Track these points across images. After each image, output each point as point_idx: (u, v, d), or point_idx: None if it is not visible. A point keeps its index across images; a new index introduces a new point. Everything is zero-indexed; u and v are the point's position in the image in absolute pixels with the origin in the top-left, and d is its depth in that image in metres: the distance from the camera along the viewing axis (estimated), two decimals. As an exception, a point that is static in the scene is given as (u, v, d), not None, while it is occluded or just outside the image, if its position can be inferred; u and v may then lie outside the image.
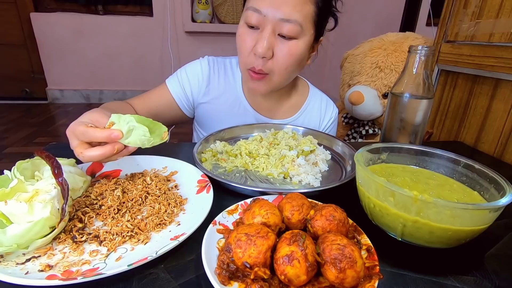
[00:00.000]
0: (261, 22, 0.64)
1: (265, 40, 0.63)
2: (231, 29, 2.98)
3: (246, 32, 0.66)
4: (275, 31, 0.64)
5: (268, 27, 0.63)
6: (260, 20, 0.63)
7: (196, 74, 0.81)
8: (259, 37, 0.64)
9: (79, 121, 0.48)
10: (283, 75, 0.69)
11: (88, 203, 0.45)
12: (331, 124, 0.89)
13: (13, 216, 0.36)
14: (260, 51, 0.63)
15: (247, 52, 0.67)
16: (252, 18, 0.64)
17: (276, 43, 0.65)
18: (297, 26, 0.63)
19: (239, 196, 0.50)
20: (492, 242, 0.44)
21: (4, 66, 2.88)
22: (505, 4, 0.76)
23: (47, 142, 1.56)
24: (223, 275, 0.32)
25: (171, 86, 0.80)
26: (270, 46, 0.64)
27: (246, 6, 0.67)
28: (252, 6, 0.63)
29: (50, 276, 0.32)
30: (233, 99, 0.82)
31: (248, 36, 0.66)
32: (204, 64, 0.82)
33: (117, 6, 2.99)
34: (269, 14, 0.62)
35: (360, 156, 0.46)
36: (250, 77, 0.69)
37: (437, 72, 0.98)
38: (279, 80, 0.70)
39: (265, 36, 0.63)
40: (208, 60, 0.83)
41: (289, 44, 0.65)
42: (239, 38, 0.68)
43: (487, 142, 0.83)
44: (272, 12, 0.62)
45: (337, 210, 0.38)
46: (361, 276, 0.31)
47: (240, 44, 0.68)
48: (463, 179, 0.48)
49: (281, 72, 0.68)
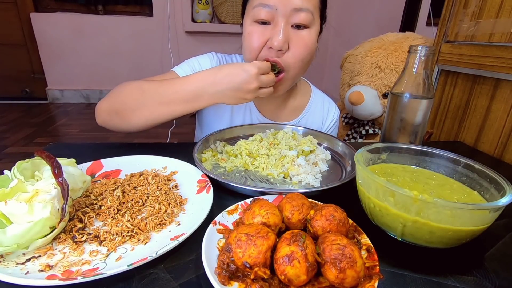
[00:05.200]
0: (272, 16, 0.63)
1: (280, 32, 0.62)
2: (231, 29, 2.98)
3: (257, 29, 0.65)
4: (288, 22, 0.63)
5: (281, 20, 0.62)
6: (271, 14, 0.62)
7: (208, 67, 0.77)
8: (273, 32, 0.63)
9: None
10: (298, 69, 0.68)
11: (88, 203, 0.45)
12: (333, 125, 0.89)
13: (13, 216, 0.36)
14: (276, 44, 0.62)
15: (260, 48, 0.65)
16: (262, 14, 0.63)
17: (291, 35, 0.64)
18: (309, 14, 0.63)
19: (239, 196, 0.50)
20: (492, 242, 0.44)
21: (4, 66, 2.89)
22: (505, 4, 0.76)
23: (47, 142, 1.57)
24: (223, 275, 0.32)
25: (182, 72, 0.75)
26: (286, 39, 0.63)
27: (251, 4, 0.65)
28: (261, 2, 0.62)
29: (50, 276, 0.32)
30: None
31: (259, 32, 0.65)
32: (215, 59, 0.80)
33: (117, 6, 2.99)
34: (280, 7, 0.61)
35: (360, 156, 0.46)
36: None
37: (437, 72, 0.98)
38: (295, 75, 0.70)
39: (280, 29, 0.62)
40: (217, 56, 0.81)
41: (303, 34, 0.65)
42: (249, 37, 0.66)
43: (487, 142, 0.83)
44: (283, 4, 0.61)
45: (337, 210, 0.38)
46: (361, 276, 0.31)
47: (250, 41, 0.66)
48: (463, 179, 0.48)
49: (296, 65, 0.67)
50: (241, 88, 0.58)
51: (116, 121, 0.65)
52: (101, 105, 0.66)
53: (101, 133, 2.32)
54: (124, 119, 0.63)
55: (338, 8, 2.69)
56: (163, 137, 2.21)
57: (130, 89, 0.64)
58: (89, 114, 2.79)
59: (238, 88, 0.58)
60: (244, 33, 0.68)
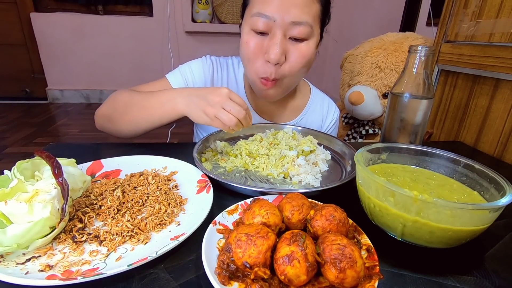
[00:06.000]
0: (270, 27, 0.61)
1: (277, 46, 0.61)
2: (231, 29, 2.99)
3: (254, 39, 0.64)
4: (286, 35, 0.62)
5: (278, 32, 0.61)
6: (269, 25, 0.61)
7: (200, 73, 0.78)
8: (270, 44, 0.62)
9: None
10: (294, 78, 0.68)
11: (88, 203, 0.45)
12: (333, 125, 0.89)
13: (13, 216, 0.36)
14: (273, 58, 0.61)
15: (257, 60, 0.65)
16: (260, 24, 0.61)
17: (288, 47, 0.63)
18: (308, 28, 0.62)
19: (239, 196, 0.50)
20: (492, 242, 0.44)
21: (4, 66, 2.89)
22: (505, 4, 0.76)
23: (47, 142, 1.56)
24: (223, 275, 0.32)
25: (174, 81, 0.76)
26: (283, 52, 0.62)
27: (250, 13, 0.64)
28: (259, 12, 0.61)
29: (50, 276, 0.32)
30: None
31: (256, 43, 0.64)
32: (208, 63, 0.79)
33: (117, 6, 3.00)
34: (278, 19, 0.60)
35: (360, 156, 0.46)
36: (263, 86, 0.67)
37: (437, 72, 0.98)
38: (290, 83, 0.70)
39: (277, 42, 0.61)
40: (211, 59, 0.80)
41: (300, 46, 0.64)
42: (246, 46, 0.65)
43: (487, 142, 0.83)
44: (281, 16, 0.60)
45: (337, 210, 0.38)
46: (361, 276, 0.31)
47: (248, 52, 0.65)
48: (463, 179, 0.48)
49: (293, 75, 0.67)
50: (206, 97, 0.57)
51: (109, 126, 0.70)
52: (97, 111, 0.72)
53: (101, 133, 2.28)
54: (114, 124, 0.68)
55: (338, 8, 2.69)
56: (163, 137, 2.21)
57: (121, 97, 0.68)
58: (89, 114, 2.79)
59: (204, 96, 0.58)
60: (241, 40, 0.67)
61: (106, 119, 0.70)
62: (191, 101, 0.59)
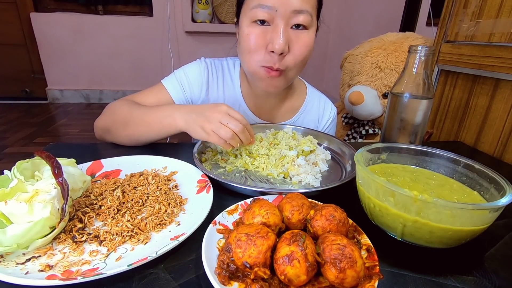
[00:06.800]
0: (271, 17, 0.62)
1: (280, 35, 0.61)
2: (231, 29, 2.97)
3: (255, 30, 0.64)
4: (288, 24, 0.62)
5: (280, 22, 0.61)
6: (270, 15, 0.62)
7: (196, 77, 0.78)
8: (273, 34, 0.62)
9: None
10: (298, 68, 0.68)
11: (88, 203, 0.45)
12: (330, 124, 0.89)
13: (13, 216, 0.36)
14: (277, 47, 0.61)
15: (259, 52, 0.65)
16: (261, 14, 0.62)
17: (291, 38, 0.63)
18: (308, 16, 0.62)
19: (239, 196, 0.50)
20: (492, 242, 0.44)
21: (4, 66, 2.89)
22: (505, 4, 0.76)
23: (47, 142, 1.57)
24: (223, 275, 0.32)
25: (170, 87, 0.76)
26: (287, 42, 0.62)
27: (249, 6, 0.64)
28: (259, 3, 0.61)
29: (50, 276, 0.32)
30: (231, 102, 0.80)
31: (258, 34, 0.64)
32: (202, 67, 0.79)
33: (117, 6, 3.00)
34: (280, 8, 0.60)
35: (360, 156, 0.46)
36: (266, 74, 0.66)
37: (437, 72, 0.98)
38: (294, 74, 0.70)
39: (280, 31, 0.61)
40: (206, 62, 0.80)
41: (302, 35, 0.64)
42: (247, 38, 0.65)
43: (487, 142, 0.83)
44: (282, 6, 0.60)
45: (337, 210, 0.38)
46: (361, 276, 0.31)
47: (249, 44, 0.65)
48: (463, 179, 0.48)
49: (297, 65, 0.67)
50: (204, 113, 0.58)
51: (108, 137, 0.71)
52: (96, 123, 0.73)
53: (101, 133, 2.31)
54: (113, 136, 0.69)
55: (338, 8, 2.69)
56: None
57: (119, 109, 0.69)
58: (89, 114, 2.79)
59: (202, 113, 0.58)
60: (242, 34, 0.67)
61: (105, 131, 0.71)
62: (190, 117, 0.60)
